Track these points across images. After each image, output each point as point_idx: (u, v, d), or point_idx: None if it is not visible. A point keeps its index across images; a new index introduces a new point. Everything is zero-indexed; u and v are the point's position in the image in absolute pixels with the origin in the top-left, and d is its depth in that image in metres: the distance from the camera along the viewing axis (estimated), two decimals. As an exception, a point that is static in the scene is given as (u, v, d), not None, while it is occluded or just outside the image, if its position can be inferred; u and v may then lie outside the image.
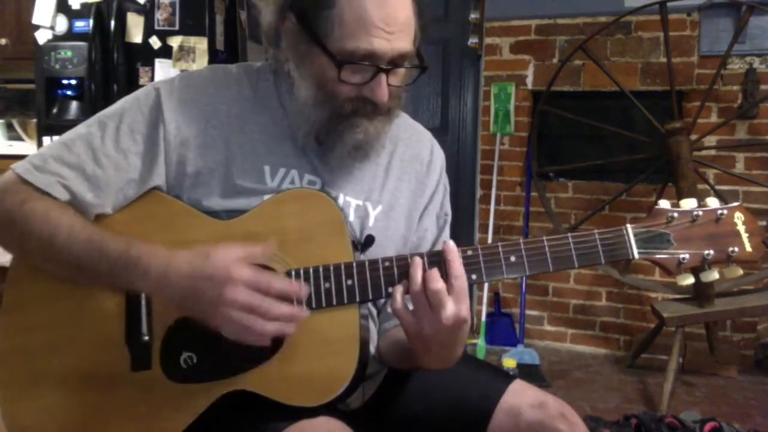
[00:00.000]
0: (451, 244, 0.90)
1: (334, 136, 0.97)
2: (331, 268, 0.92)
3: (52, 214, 0.90)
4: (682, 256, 0.90)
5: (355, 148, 0.98)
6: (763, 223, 2.90)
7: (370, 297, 0.92)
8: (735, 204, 0.93)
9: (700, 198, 0.95)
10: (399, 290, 0.88)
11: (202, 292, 0.84)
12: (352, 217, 1.03)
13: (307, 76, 0.96)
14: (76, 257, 0.89)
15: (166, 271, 0.86)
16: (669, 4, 2.72)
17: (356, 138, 0.97)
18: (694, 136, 2.75)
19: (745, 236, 0.91)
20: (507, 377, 1.05)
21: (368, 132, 0.97)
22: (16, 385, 0.94)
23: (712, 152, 2.98)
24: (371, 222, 1.04)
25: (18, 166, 0.94)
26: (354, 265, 0.92)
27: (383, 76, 0.93)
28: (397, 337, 1.02)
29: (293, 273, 0.92)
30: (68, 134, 0.98)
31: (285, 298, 0.86)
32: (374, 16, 0.89)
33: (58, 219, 0.90)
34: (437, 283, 0.86)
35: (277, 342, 0.90)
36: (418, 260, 0.89)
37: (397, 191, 1.09)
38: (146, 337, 0.92)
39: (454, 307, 0.86)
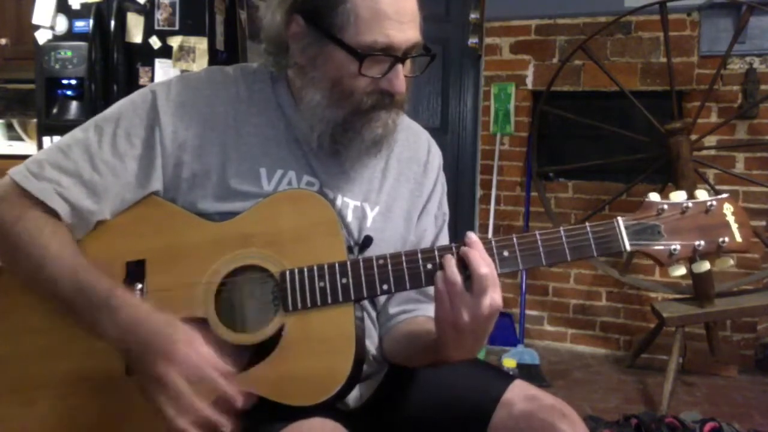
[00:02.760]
0: (474, 236, 0.89)
1: (351, 133, 0.97)
2: (326, 266, 0.92)
3: (43, 237, 0.90)
4: (673, 247, 0.91)
5: (373, 143, 0.98)
6: (763, 223, 2.90)
7: (365, 295, 0.92)
8: (724, 195, 0.94)
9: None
10: (441, 276, 0.87)
11: (146, 369, 0.85)
12: (350, 218, 1.03)
13: (319, 77, 0.96)
14: (59, 291, 0.89)
15: (131, 331, 0.86)
16: (669, 4, 2.72)
17: (376, 132, 0.97)
18: (694, 136, 2.75)
19: (734, 227, 0.92)
20: (507, 377, 1.04)
21: (387, 125, 0.97)
22: (9, 390, 0.94)
23: (712, 152, 2.98)
24: (369, 223, 1.04)
25: (15, 173, 0.93)
26: (348, 263, 0.92)
27: (400, 67, 0.94)
28: (408, 331, 1.03)
29: (287, 273, 0.92)
30: (65, 139, 0.98)
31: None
32: (388, 8, 0.91)
33: (47, 244, 0.90)
34: (484, 267, 0.85)
35: (273, 342, 0.90)
36: (449, 256, 0.88)
37: (395, 192, 1.08)
38: None
39: (493, 295, 0.86)
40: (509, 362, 2.86)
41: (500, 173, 3.34)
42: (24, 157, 0.97)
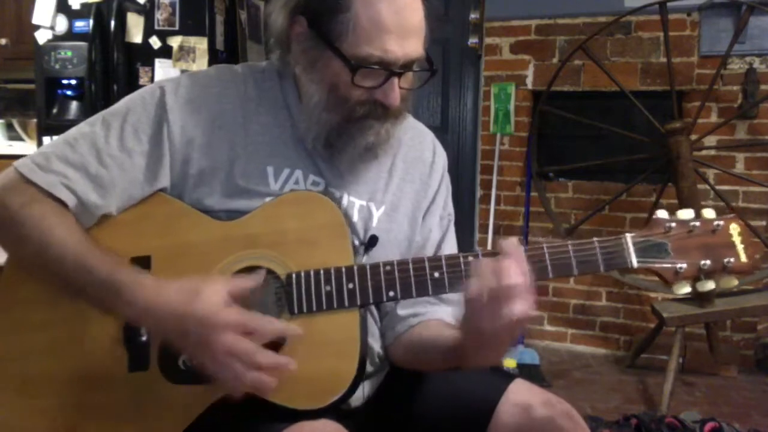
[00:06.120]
0: (513, 243, 0.87)
1: (345, 138, 0.97)
2: (332, 271, 0.92)
3: (48, 222, 0.89)
4: (679, 265, 0.92)
5: (366, 149, 0.99)
6: (763, 223, 2.90)
7: (371, 300, 0.92)
8: (731, 216, 0.95)
9: (700, 199, 0.96)
10: (474, 282, 0.85)
11: (189, 331, 0.84)
12: (355, 218, 1.03)
13: (318, 80, 0.96)
14: (65, 273, 0.88)
15: (152, 304, 0.85)
16: (669, 4, 2.72)
17: (368, 140, 0.97)
18: (694, 136, 2.75)
19: (740, 247, 0.92)
20: (508, 376, 1.04)
21: (379, 134, 0.97)
22: (10, 386, 0.94)
23: (712, 152, 2.98)
24: (375, 222, 1.04)
25: (21, 165, 0.93)
26: (355, 268, 0.92)
27: (396, 80, 0.93)
28: (424, 337, 1.02)
29: (293, 276, 0.92)
30: (71, 132, 0.97)
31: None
32: (389, 22, 0.89)
33: (52, 229, 0.89)
34: (517, 277, 0.83)
35: (277, 344, 0.90)
36: (476, 261, 0.88)
37: (401, 192, 1.09)
38: (144, 338, 0.92)
39: (524, 303, 0.84)
40: (509, 362, 2.86)
41: (500, 173, 3.34)
42: (24, 157, 0.97)
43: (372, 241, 1.01)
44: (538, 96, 3.24)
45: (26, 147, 3.47)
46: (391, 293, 0.91)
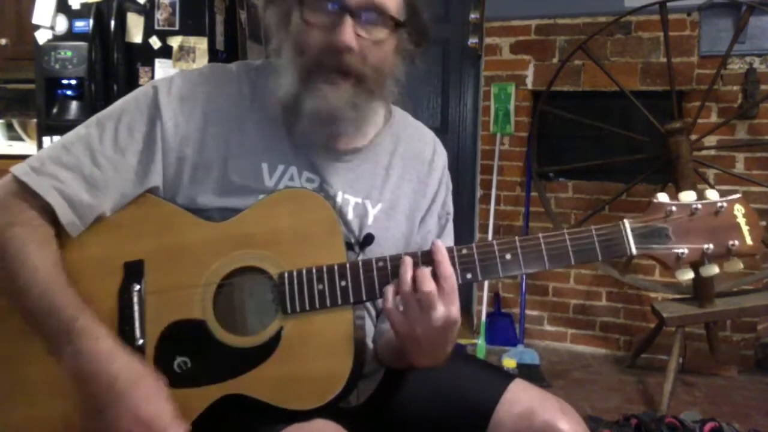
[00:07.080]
0: (440, 243, 0.88)
1: (298, 109, 0.95)
2: (324, 269, 0.91)
3: (24, 249, 0.89)
4: (680, 250, 0.88)
5: (317, 118, 0.95)
6: (763, 223, 2.90)
7: (364, 298, 0.91)
8: (735, 196, 0.90)
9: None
10: (391, 290, 0.87)
11: (121, 407, 0.83)
12: (350, 216, 1.03)
13: (285, 38, 0.96)
14: (29, 304, 0.88)
15: (98, 364, 0.85)
16: (669, 4, 2.72)
17: (315, 104, 0.93)
18: (694, 136, 2.75)
19: (745, 229, 0.88)
20: (508, 376, 1.04)
21: (327, 98, 0.93)
22: (6, 391, 0.93)
23: (712, 152, 2.98)
24: (370, 220, 1.04)
25: (16, 169, 0.94)
26: (347, 266, 0.91)
27: (348, 18, 0.90)
28: (391, 336, 1.02)
29: (286, 275, 0.91)
30: (67, 136, 0.98)
31: None
32: None
33: (25, 258, 0.88)
34: (429, 284, 0.85)
35: (272, 345, 0.90)
36: (408, 260, 0.88)
37: (399, 190, 1.08)
38: (140, 342, 0.92)
39: (444, 309, 0.85)
40: (509, 362, 2.86)
41: (500, 173, 3.34)
42: (24, 157, 0.97)
43: (367, 240, 1.01)
44: (538, 96, 3.23)
45: (26, 147, 3.47)
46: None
